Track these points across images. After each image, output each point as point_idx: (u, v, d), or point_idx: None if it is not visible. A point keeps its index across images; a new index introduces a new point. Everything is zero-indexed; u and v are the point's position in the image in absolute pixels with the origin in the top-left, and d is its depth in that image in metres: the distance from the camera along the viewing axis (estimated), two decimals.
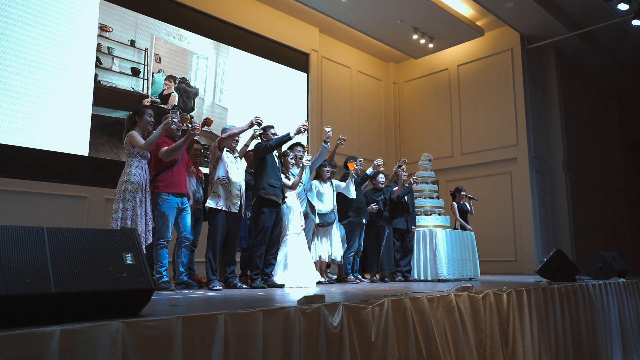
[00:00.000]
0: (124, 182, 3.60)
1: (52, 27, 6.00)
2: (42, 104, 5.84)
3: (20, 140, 5.64)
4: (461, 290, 3.55)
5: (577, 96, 10.81)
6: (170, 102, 6.90)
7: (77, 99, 6.12)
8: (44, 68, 5.88)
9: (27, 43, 5.76)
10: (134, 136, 3.63)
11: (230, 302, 2.80)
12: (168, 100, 6.91)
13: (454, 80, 10.32)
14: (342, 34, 9.78)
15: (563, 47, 9.80)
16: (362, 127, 10.30)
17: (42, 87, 5.84)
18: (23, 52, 5.72)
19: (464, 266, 5.93)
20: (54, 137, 5.92)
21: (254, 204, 4.29)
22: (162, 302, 2.76)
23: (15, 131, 5.61)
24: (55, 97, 5.94)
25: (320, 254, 5.08)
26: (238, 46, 8.15)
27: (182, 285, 3.99)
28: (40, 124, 5.82)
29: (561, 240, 9.44)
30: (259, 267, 4.20)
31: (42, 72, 5.86)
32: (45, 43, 5.91)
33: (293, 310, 2.36)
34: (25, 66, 5.72)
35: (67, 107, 6.03)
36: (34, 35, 5.83)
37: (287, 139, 4.25)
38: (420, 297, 3.13)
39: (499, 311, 3.73)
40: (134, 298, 1.93)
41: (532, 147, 9.19)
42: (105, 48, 6.45)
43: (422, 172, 6.34)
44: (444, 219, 6.09)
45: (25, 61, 5.73)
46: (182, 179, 3.97)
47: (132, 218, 3.54)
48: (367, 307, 2.75)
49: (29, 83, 5.74)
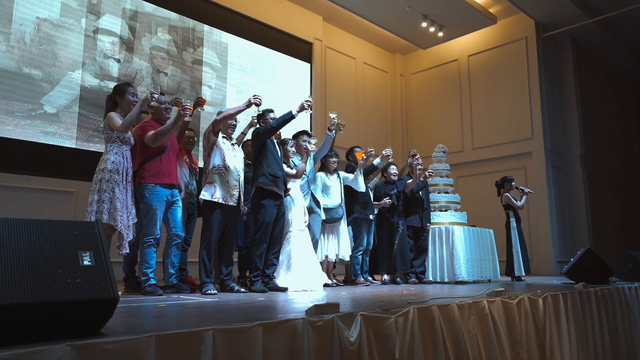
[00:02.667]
0: (101, 171, 3.13)
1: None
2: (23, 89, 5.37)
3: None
4: (493, 295, 3.07)
5: (595, 87, 10.31)
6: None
7: (61, 85, 5.65)
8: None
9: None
10: (112, 117, 3.16)
11: (224, 311, 2.33)
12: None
13: (464, 71, 9.83)
14: (347, 23, 9.31)
15: (580, 36, 9.30)
16: (368, 121, 9.83)
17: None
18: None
19: (483, 267, 5.44)
20: (37, 127, 5.45)
21: (253, 196, 3.80)
22: (140, 312, 2.29)
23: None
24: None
25: (326, 253, 4.59)
26: (237, 33, 7.69)
27: (172, 289, 3.51)
28: (22, 112, 5.35)
29: (579, 239, 8.95)
30: (259, 268, 3.72)
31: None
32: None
33: (300, 323, 1.89)
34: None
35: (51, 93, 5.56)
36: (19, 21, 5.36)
37: (289, 117, 3.75)
38: (450, 304, 2.65)
39: (534, 319, 3.24)
40: (91, 311, 1.46)
41: (548, 141, 8.70)
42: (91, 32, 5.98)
43: (437, 165, 5.86)
44: (460, 216, 5.60)
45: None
46: (171, 168, 3.49)
47: (110, 212, 3.07)
48: (390, 317, 2.27)
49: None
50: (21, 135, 5.31)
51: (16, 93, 5.31)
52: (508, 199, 6.11)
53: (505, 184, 6.30)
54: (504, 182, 6.31)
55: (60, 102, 5.63)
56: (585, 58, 9.94)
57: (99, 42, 6.02)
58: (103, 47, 6.04)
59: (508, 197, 6.13)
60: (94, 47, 5.97)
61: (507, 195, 6.16)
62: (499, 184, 6.37)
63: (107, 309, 1.48)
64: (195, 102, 3.86)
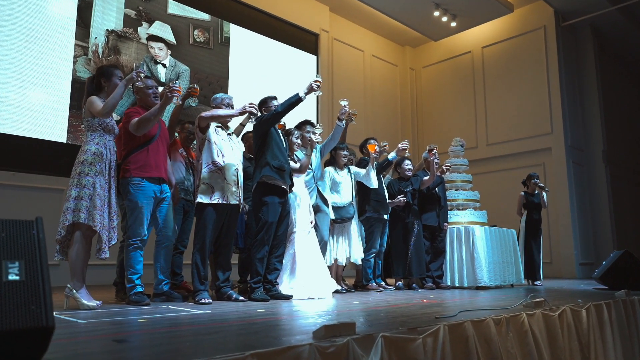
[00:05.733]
0: (80, 163, 2.73)
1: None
2: (8, 80, 5.01)
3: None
4: (532, 306, 2.63)
5: (617, 79, 9.80)
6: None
7: (53, 72, 5.29)
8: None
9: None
10: (92, 101, 2.76)
11: (213, 331, 1.91)
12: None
13: (478, 63, 9.36)
14: (355, 14, 8.89)
15: (601, 25, 8.80)
16: (377, 117, 9.39)
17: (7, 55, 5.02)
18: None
19: (506, 270, 4.99)
20: (25, 121, 5.08)
21: (254, 192, 3.38)
22: (103, 333, 1.88)
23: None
24: (25, 72, 5.11)
25: (336, 256, 4.17)
26: (240, 24, 7.30)
27: (162, 297, 3.11)
28: (6, 104, 4.98)
29: (602, 239, 8.45)
30: (260, 274, 3.30)
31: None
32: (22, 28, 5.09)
33: (307, 350, 1.48)
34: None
35: (40, 84, 5.19)
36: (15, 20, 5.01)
37: (296, 100, 3.31)
38: (485, 318, 2.21)
39: (578, 333, 2.80)
40: (14, 345, 1.04)
41: (569, 136, 8.21)
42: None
43: (454, 160, 5.41)
44: (480, 215, 5.15)
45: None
46: (160, 159, 3.08)
47: (89, 210, 2.66)
48: (417, 338, 1.84)
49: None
50: (3, 128, 4.95)
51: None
52: (521, 198, 5.91)
53: (528, 181, 5.96)
54: (527, 179, 6.00)
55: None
56: (608, 48, 9.44)
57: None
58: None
59: (521, 197, 5.92)
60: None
61: (521, 194, 5.93)
62: (524, 182, 6.06)
63: (38, 340, 1.07)
64: (187, 92, 3.49)
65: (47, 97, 5.27)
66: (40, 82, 5.22)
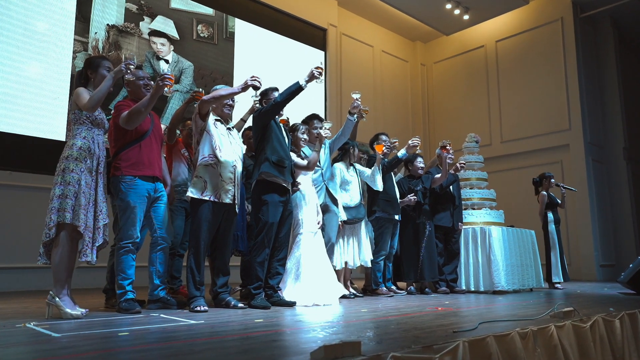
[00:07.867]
0: (64, 159, 2.53)
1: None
2: (6, 77, 4.85)
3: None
4: (561, 317, 2.37)
5: (638, 73, 9.39)
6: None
7: (52, 68, 5.13)
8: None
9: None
10: (79, 93, 2.56)
11: (201, 348, 1.68)
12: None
13: (492, 58, 9.04)
14: (364, 8, 8.65)
15: (621, 16, 8.43)
16: (387, 114, 9.13)
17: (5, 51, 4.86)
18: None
19: (525, 274, 4.70)
20: (23, 118, 4.92)
21: (254, 190, 3.15)
22: (66, 354, 1.66)
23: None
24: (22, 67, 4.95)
25: (346, 259, 3.92)
26: (246, 18, 7.10)
27: (157, 304, 2.89)
28: (3, 101, 4.83)
29: (624, 240, 8.08)
30: (261, 279, 3.07)
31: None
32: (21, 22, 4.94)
33: None
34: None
35: (38, 81, 5.04)
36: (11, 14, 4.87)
37: (297, 89, 3.09)
38: (510, 332, 1.96)
39: (611, 346, 2.53)
40: None
41: (588, 132, 7.86)
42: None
43: (468, 157, 5.13)
44: (497, 215, 4.87)
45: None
46: (153, 157, 2.87)
47: (74, 209, 2.46)
48: (433, 357, 1.60)
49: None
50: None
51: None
52: (542, 199, 5.56)
53: (544, 181, 5.65)
54: (542, 179, 5.69)
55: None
56: (629, 41, 9.05)
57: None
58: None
59: (544, 197, 5.55)
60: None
61: (544, 194, 5.55)
62: (537, 181, 5.74)
63: None
64: (191, 96, 3.31)
65: (45, 95, 5.11)
66: (39, 78, 5.07)
